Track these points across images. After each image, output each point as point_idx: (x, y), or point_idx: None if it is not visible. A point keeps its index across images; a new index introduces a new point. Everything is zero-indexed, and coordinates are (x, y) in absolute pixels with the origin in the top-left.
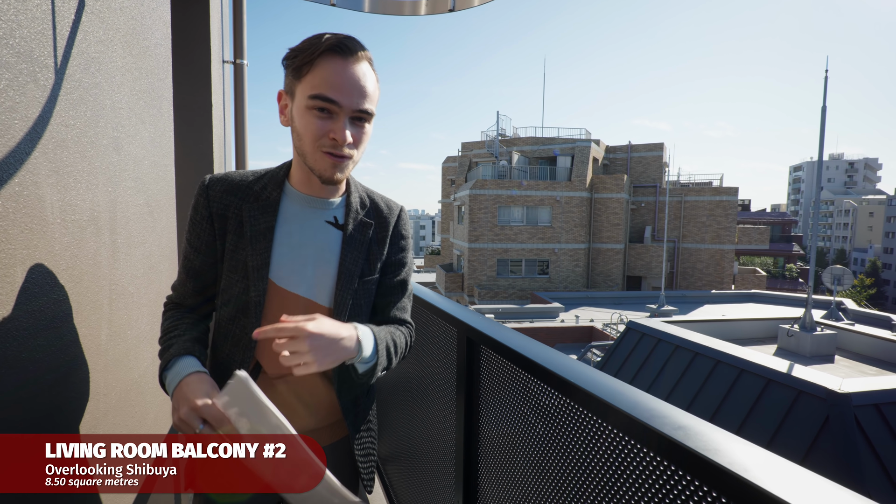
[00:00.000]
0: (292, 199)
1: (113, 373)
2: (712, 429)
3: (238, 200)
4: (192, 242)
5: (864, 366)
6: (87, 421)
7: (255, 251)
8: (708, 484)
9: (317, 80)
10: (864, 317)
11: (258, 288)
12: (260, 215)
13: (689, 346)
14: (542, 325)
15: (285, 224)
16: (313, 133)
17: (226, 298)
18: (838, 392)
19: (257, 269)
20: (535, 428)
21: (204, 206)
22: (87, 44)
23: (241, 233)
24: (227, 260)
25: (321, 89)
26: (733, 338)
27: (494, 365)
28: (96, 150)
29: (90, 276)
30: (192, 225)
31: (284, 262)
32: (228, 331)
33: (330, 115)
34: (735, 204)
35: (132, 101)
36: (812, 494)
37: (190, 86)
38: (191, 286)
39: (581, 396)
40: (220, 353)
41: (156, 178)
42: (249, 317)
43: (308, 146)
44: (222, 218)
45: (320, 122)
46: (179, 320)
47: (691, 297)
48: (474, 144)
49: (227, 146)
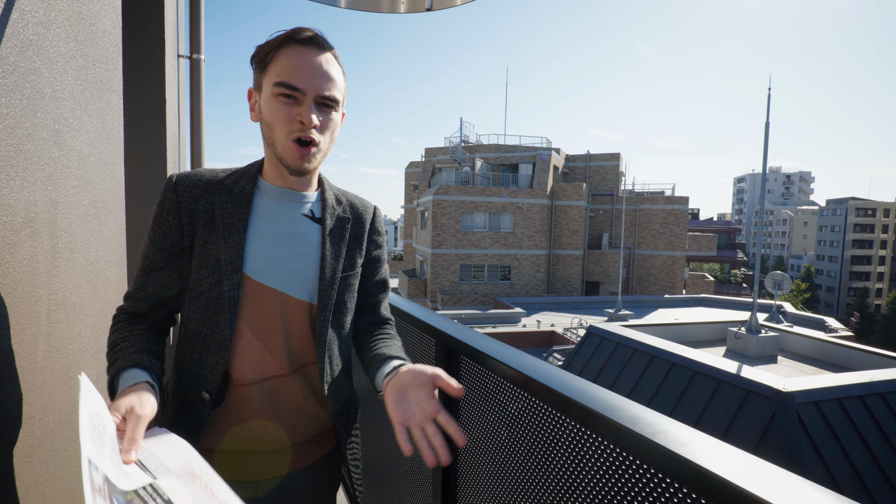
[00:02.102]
0: (266, 192)
1: (51, 393)
2: (677, 425)
3: (208, 194)
4: (155, 241)
5: (803, 365)
6: (21, 448)
7: (227, 244)
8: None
9: (279, 68)
10: (801, 319)
11: (231, 281)
12: (232, 207)
13: (647, 349)
14: (504, 331)
15: (260, 217)
16: (281, 119)
17: (195, 295)
18: (783, 391)
19: (230, 261)
20: (516, 437)
21: (172, 200)
22: (24, 24)
23: (213, 226)
24: (197, 256)
25: (284, 76)
26: (686, 340)
27: (475, 375)
28: (34, 143)
29: (25, 284)
30: (157, 222)
31: (260, 255)
32: (198, 332)
33: (295, 101)
34: (686, 213)
35: (76, 92)
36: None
37: (142, 79)
38: (150, 289)
39: (565, 405)
40: (190, 356)
41: (103, 176)
42: (223, 314)
43: (277, 134)
44: (192, 212)
45: (287, 108)
46: (129, 332)
47: (646, 301)
48: (438, 150)
49: (181, 145)
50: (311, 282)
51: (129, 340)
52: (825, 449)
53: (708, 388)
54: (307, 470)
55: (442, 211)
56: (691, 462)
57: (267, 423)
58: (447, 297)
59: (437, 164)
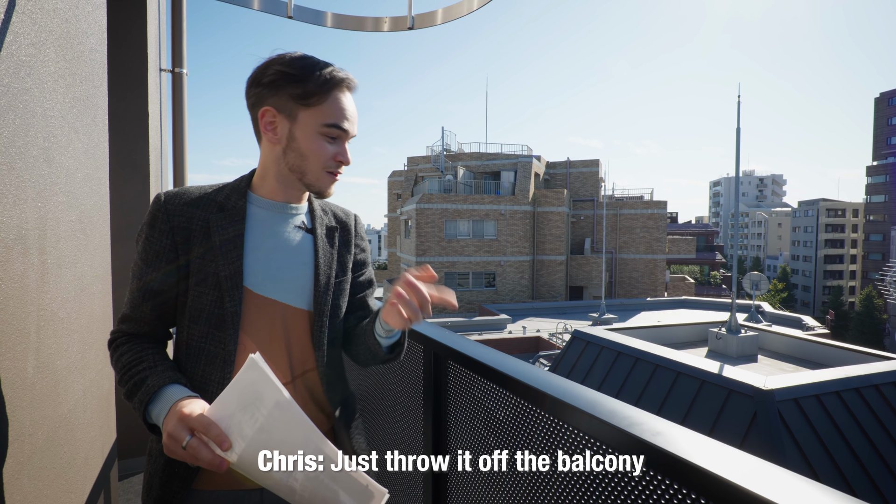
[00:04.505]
0: (259, 206)
1: (40, 409)
2: (683, 431)
3: (201, 212)
4: (148, 261)
5: (782, 363)
6: (10, 466)
7: (226, 260)
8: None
9: (331, 111)
10: (779, 318)
11: (233, 297)
12: (227, 223)
13: (631, 352)
14: (490, 337)
15: (254, 230)
16: (323, 155)
17: (195, 314)
18: (763, 389)
19: (230, 277)
20: (505, 438)
21: (163, 220)
22: (17, 46)
23: (210, 243)
24: (195, 274)
25: (336, 119)
26: (669, 342)
27: (462, 379)
28: (25, 161)
29: (16, 300)
30: (149, 243)
31: (259, 269)
32: (201, 349)
33: (337, 140)
34: (665, 217)
35: (65, 110)
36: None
37: (125, 94)
38: (147, 309)
39: (550, 404)
40: (193, 374)
41: (89, 192)
42: (226, 330)
43: (314, 166)
44: (185, 231)
45: (330, 147)
46: (142, 351)
47: (629, 304)
48: (420, 159)
49: (163, 158)
50: (307, 290)
51: (150, 360)
52: (805, 444)
53: (692, 388)
54: None
55: (425, 219)
56: (664, 450)
57: None
58: (432, 305)
59: (419, 173)
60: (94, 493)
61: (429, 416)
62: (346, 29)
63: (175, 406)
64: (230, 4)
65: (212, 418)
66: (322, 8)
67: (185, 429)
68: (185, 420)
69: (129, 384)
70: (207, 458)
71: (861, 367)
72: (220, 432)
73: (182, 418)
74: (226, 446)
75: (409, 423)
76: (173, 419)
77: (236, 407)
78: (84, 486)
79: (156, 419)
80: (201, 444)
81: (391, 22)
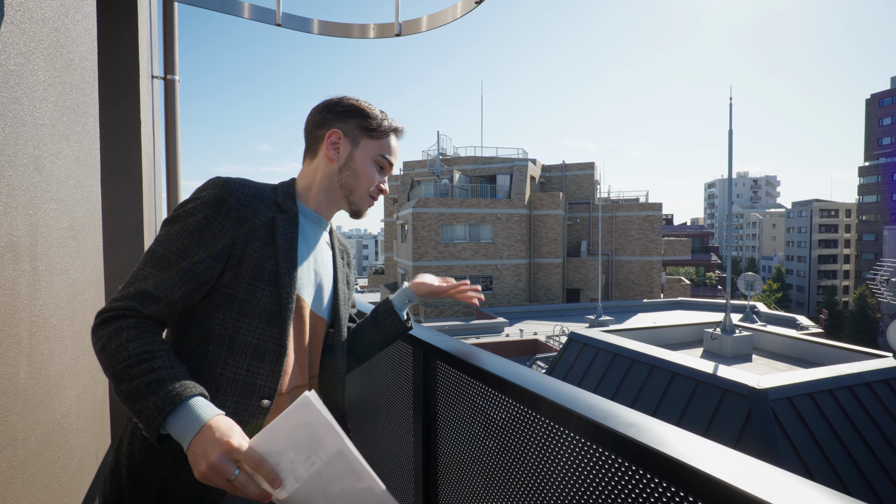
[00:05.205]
0: (304, 216)
1: (33, 414)
2: (664, 426)
3: (266, 208)
4: (202, 241)
5: (777, 363)
6: (4, 470)
7: (287, 260)
8: (659, 475)
9: (387, 147)
10: (773, 318)
11: (290, 295)
12: (288, 226)
13: (627, 353)
14: (488, 341)
15: (302, 237)
16: (373, 180)
17: (246, 308)
18: (757, 389)
19: (289, 275)
20: (494, 438)
21: (233, 206)
22: (7, 56)
23: (272, 241)
24: (251, 268)
25: (389, 154)
26: (665, 343)
27: (451, 379)
28: (15, 169)
29: (8, 306)
30: (208, 223)
31: (303, 274)
32: (248, 342)
33: (382, 170)
34: (660, 218)
35: (55, 118)
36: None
37: (116, 101)
38: (181, 294)
39: (539, 404)
40: (237, 367)
41: (80, 199)
42: (280, 326)
43: (363, 187)
44: (250, 223)
45: (377, 174)
46: (154, 344)
47: (626, 306)
48: (416, 163)
49: (156, 165)
50: (329, 301)
51: (163, 358)
52: (799, 442)
53: (687, 388)
54: None
55: (422, 223)
56: (664, 453)
57: None
58: (430, 309)
59: (415, 178)
60: (89, 500)
61: (419, 415)
62: (332, 36)
63: (209, 430)
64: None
65: (261, 453)
66: (312, 14)
67: (231, 462)
68: (233, 453)
69: (139, 382)
70: (255, 493)
71: (853, 366)
72: (271, 470)
73: (229, 451)
74: (276, 485)
75: (402, 422)
76: (216, 449)
77: (287, 444)
78: (78, 492)
79: (179, 436)
80: (249, 480)
81: (377, 29)
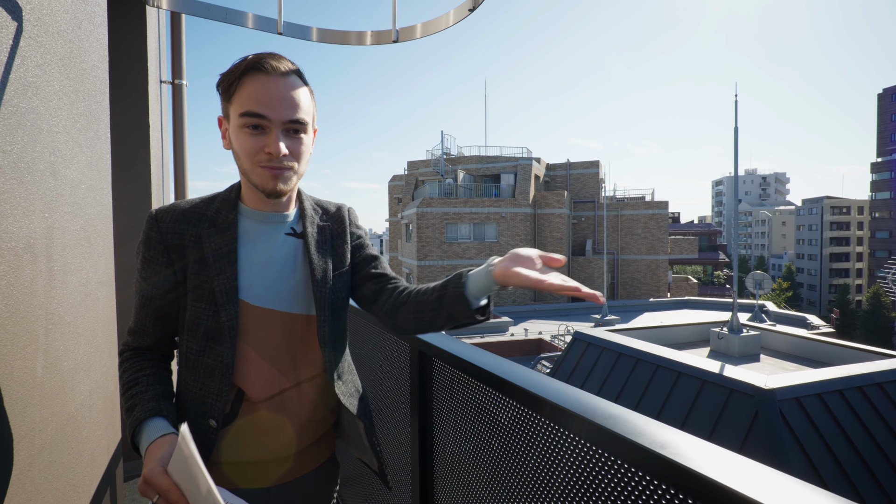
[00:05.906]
0: (249, 218)
1: (49, 407)
2: (674, 432)
3: (193, 227)
4: (148, 279)
5: (785, 362)
6: (22, 460)
7: (220, 275)
8: (667, 482)
9: (244, 99)
10: (783, 317)
11: (229, 311)
12: (219, 238)
13: (632, 352)
14: (493, 340)
15: (247, 243)
16: (248, 150)
17: (192, 328)
18: (764, 388)
19: (225, 292)
20: (490, 437)
21: (157, 239)
22: (25, 69)
23: (203, 259)
24: (192, 289)
25: (248, 106)
26: (671, 343)
27: (447, 377)
28: (33, 175)
29: (26, 305)
30: (146, 262)
31: (254, 281)
32: (199, 362)
33: (262, 130)
34: (666, 217)
35: (69, 125)
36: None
37: (126, 106)
38: (150, 325)
39: (539, 405)
40: (192, 385)
41: (93, 202)
42: (223, 343)
43: (247, 164)
44: (179, 248)
45: (253, 139)
46: (140, 371)
47: (632, 305)
48: (420, 163)
49: (165, 167)
50: (306, 294)
51: (143, 384)
52: (807, 443)
53: (692, 388)
54: (315, 472)
55: (426, 223)
56: (670, 459)
57: (279, 435)
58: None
59: (419, 177)
60: (101, 491)
61: (415, 412)
62: (331, 43)
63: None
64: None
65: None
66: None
67: (150, 489)
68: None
69: (126, 406)
70: None
71: (864, 366)
72: (178, 499)
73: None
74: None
75: (398, 419)
76: (146, 468)
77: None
78: (91, 483)
79: (142, 452)
80: None
81: (374, 36)
